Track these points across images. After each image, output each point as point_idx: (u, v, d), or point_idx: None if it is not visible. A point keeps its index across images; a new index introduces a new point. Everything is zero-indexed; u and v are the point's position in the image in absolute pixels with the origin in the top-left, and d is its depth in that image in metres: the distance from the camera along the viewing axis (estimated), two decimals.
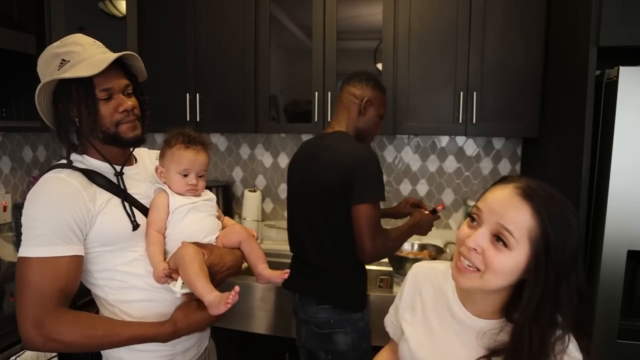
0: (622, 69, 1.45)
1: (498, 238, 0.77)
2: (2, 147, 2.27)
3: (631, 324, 1.52)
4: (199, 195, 1.20)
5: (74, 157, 1.11)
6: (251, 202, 2.53)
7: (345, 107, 1.68)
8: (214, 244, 1.20)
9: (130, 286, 1.11)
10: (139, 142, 1.15)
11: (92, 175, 1.09)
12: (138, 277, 1.11)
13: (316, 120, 2.19)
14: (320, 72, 2.17)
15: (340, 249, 1.56)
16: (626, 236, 1.49)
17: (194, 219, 1.17)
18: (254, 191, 2.58)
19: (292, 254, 1.80)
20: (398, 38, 2.09)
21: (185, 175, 1.16)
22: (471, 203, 2.32)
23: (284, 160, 2.64)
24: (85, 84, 1.03)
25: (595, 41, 1.51)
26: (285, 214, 2.67)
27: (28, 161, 2.42)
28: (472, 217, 0.83)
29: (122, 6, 2.27)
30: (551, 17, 1.94)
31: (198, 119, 2.30)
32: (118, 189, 1.11)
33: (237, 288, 1.02)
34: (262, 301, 2.01)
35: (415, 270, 1.02)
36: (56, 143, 2.60)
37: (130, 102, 1.09)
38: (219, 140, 2.70)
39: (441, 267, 0.99)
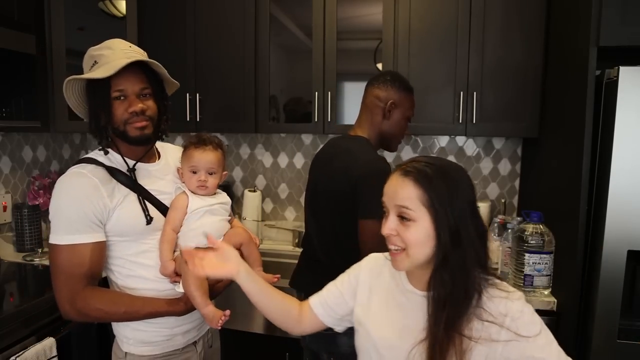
0: (622, 69, 1.45)
1: (402, 217, 0.89)
2: (2, 147, 2.27)
3: (631, 324, 1.52)
4: (211, 192, 1.30)
5: (100, 152, 1.22)
6: (251, 202, 2.54)
7: (368, 110, 1.62)
8: None
9: (137, 275, 1.23)
10: (145, 141, 1.22)
11: (113, 172, 1.19)
12: (146, 268, 1.22)
13: (316, 120, 2.19)
14: (320, 72, 2.17)
15: (345, 253, 1.55)
16: (626, 236, 1.48)
17: (208, 221, 1.27)
18: (254, 191, 2.58)
19: (301, 250, 1.79)
20: (398, 38, 2.09)
21: (195, 172, 1.26)
22: None
23: (284, 160, 2.64)
24: (103, 84, 1.14)
25: (595, 41, 1.51)
26: (285, 214, 2.69)
27: (28, 161, 2.42)
28: (383, 212, 0.94)
29: (122, 6, 2.27)
30: (551, 17, 1.94)
31: (198, 119, 2.30)
32: (136, 185, 1.21)
33: (227, 312, 1.15)
34: None
35: (374, 258, 1.10)
36: (56, 143, 2.60)
37: (141, 105, 1.17)
38: None
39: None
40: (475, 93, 2.04)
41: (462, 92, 2.05)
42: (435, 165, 0.90)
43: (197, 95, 2.29)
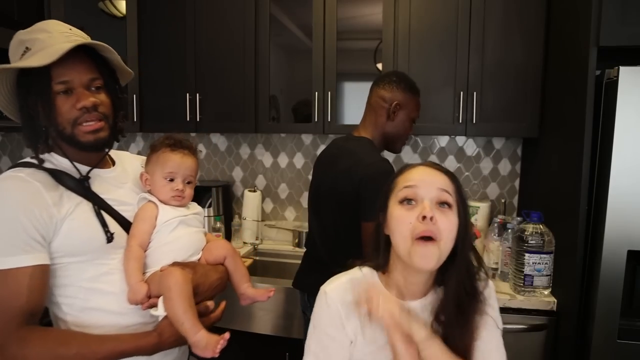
0: (622, 69, 1.45)
1: (441, 203, 0.88)
2: (2, 147, 2.27)
3: (631, 324, 1.52)
4: (186, 204, 1.12)
5: (42, 155, 0.98)
6: (251, 202, 2.53)
7: (373, 110, 1.62)
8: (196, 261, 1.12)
9: (94, 307, 0.97)
10: (102, 146, 1.00)
11: (59, 176, 0.96)
12: (106, 296, 0.98)
13: (316, 120, 2.19)
14: (320, 72, 2.17)
15: (348, 253, 1.55)
16: (626, 236, 1.48)
17: (182, 233, 1.09)
18: (254, 191, 2.58)
19: (305, 250, 1.81)
20: (398, 38, 2.09)
21: (171, 180, 1.08)
22: (471, 203, 2.31)
23: (284, 160, 2.64)
24: (41, 75, 0.91)
25: (595, 41, 1.51)
26: (285, 214, 2.69)
27: None
28: (407, 200, 0.89)
29: (122, 6, 2.27)
30: (551, 17, 1.94)
31: (198, 119, 2.30)
32: (89, 193, 0.99)
33: (226, 335, 0.94)
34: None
35: (333, 293, 0.95)
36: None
37: (93, 99, 0.95)
38: (219, 140, 2.70)
39: (348, 277, 0.96)
40: (475, 93, 2.04)
41: (462, 92, 2.04)
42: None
43: (197, 95, 2.29)
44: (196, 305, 1.00)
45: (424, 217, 0.84)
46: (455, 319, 0.87)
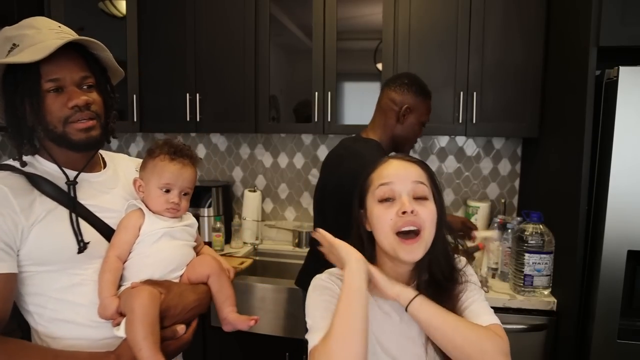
0: (622, 69, 1.45)
1: (417, 197, 0.90)
2: (2, 147, 2.27)
3: (631, 324, 1.52)
4: (180, 216, 1.06)
5: (24, 158, 0.95)
6: (251, 202, 2.53)
7: (382, 112, 1.61)
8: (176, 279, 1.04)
9: (64, 319, 0.93)
10: (94, 145, 0.96)
11: (36, 180, 0.92)
12: (76, 308, 0.93)
13: (316, 120, 2.19)
14: (320, 72, 2.17)
15: None
16: (626, 236, 1.48)
17: (165, 246, 1.01)
18: (254, 191, 2.58)
19: (308, 249, 1.83)
20: (398, 38, 2.09)
21: (167, 191, 1.02)
22: (471, 203, 2.32)
23: (284, 160, 2.64)
24: (30, 72, 0.88)
25: (595, 41, 1.51)
26: (285, 214, 2.69)
27: None
28: (385, 199, 0.91)
29: (122, 6, 2.27)
30: (551, 17, 1.94)
31: (198, 119, 2.30)
32: (67, 198, 0.93)
33: None
34: (262, 301, 2.01)
35: (324, 277, 0.98)
36: None
37: (85, 97, 0.92)
38: (219, 140, 2.70)
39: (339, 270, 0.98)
40: (475, 93, 2.04)
41: (462, 92, 2.04)
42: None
43: (197, 95, 2.29)
44: (166, 328, 0.94)
45: (404, 212, 0.87)
46: (438, 294, 0.91)
